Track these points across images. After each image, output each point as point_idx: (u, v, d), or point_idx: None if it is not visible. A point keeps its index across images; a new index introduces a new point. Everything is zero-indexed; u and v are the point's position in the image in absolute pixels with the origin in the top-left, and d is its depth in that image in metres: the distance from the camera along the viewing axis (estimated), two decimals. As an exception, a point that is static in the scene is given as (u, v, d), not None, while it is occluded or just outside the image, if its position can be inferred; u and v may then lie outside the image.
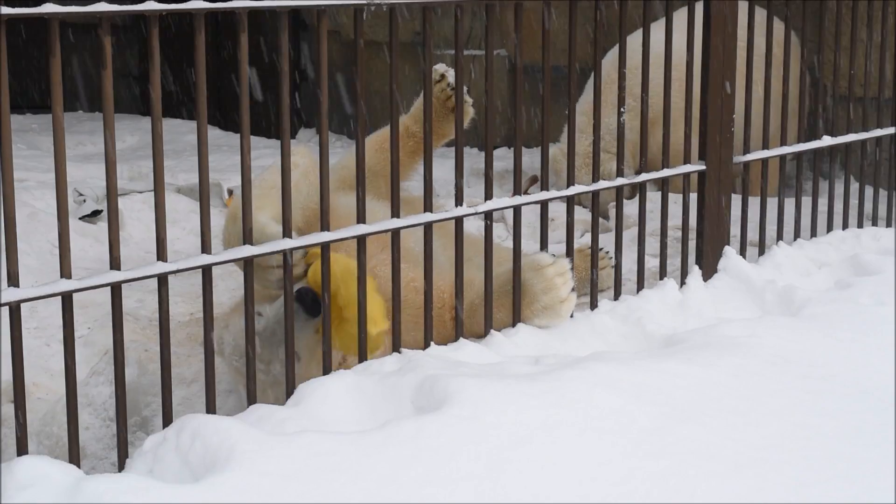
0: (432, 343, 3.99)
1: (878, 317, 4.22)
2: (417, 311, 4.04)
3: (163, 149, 3.38)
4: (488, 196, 4.14)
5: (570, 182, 4.41)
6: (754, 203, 5.23)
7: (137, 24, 11.13)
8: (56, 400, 4.06)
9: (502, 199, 4.17)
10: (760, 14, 5.24)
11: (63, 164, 3.18)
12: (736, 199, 4.97)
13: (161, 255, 3.40)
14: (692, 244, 4.85)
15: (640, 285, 4.70)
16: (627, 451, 3.10)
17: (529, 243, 5.11)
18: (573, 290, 4.25)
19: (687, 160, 4.82)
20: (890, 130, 5.72)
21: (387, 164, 4.32)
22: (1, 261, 3.12)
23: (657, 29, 4.69)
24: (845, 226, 5.54)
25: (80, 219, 6.38)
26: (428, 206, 3.97)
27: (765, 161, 5.11)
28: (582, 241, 5.42)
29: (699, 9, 4.73)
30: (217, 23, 10.85)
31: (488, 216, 4.13)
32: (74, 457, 3.26)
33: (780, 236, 5.22)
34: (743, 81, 5.01)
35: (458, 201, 4.06)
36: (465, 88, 4.46)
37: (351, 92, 9.35)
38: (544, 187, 4.31)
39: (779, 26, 5.62)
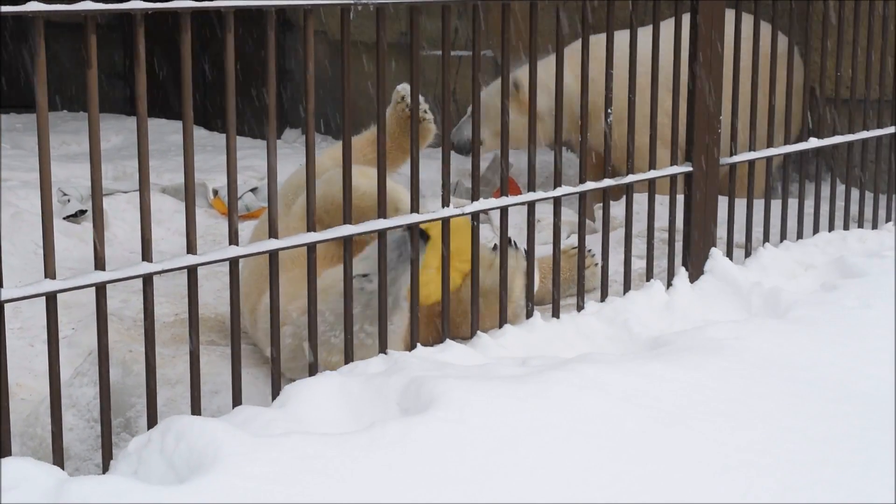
0: (418, 344, 3.98)
1: (864, 319, 4.22)
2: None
3: (148, 149, 3.36)
4: (475, 197, 4.13)
5: (557, 183, 4.40)
6: (741, 205, 5.23)
7: (122, 22, 11.09)
8: (40, 401, 4.05)
9: (489, 200, 4.16)
10: (748, 17, 5.24)
11: (48, 164, 3.16)
12: (722, 201, 4.97)
13: (146, 255, 3.39)
14: (679, 246, 4.85)
15: (627, 287, 4.69)
16: (615, 454, 3.09)
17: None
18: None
19: (674, 161, 4.82)
20: (876, 132, 5.73)
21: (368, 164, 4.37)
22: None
23: (645, 30, 4.69)
24: (831, 228, 5.55)
25: (64, 219, 6.35)
26: (414, 207, 3.96)
27: (751, 163, 5.11)
28: (568, 242, 5.41)
29: (686, 9, 4.73)
30: (203, 22, 10.81)
31: (475, 217, 4.12)
32: (58, 458, 3.24)
33: (766, 238, 5.22)
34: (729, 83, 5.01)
35: (445, 202, 4.05)
36: (426, 106, 4.73)
37: (338, 91, 9.33)
38: (531, 188, 4.30)
39: (767, 28, 5.62)
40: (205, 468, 2.91)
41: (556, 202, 4.39)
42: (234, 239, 3.55)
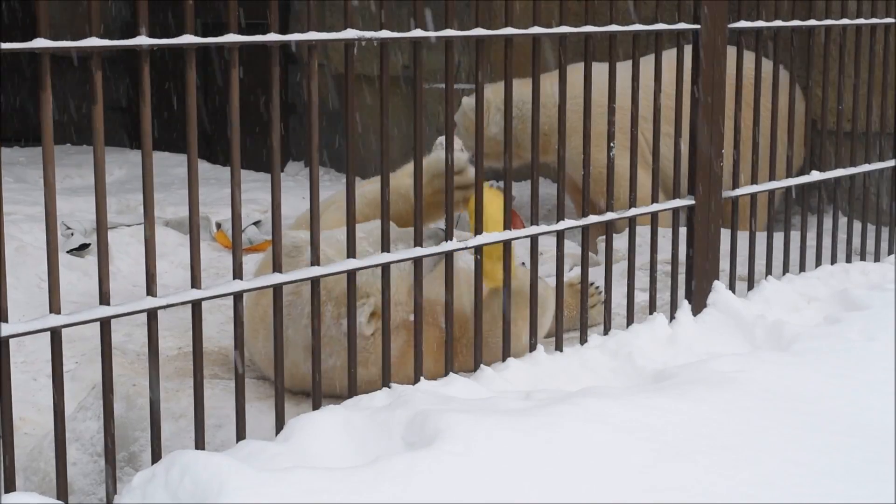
0: (423, 378, 3.98)
1: (868, 352, 4.22)
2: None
3: (153, 183, 3.36)
4: (478, 231, 4.14)
5: (560, 216, 4.41)
6: (743, 237, 5.24)
7: (124, 55, 11.13)
8: (43, 435, 4.04)
9: (492, 234, 4.17)
10: (749, 54, 5.26)
11: (53, 199, 3.16)
12: (725, 234, 4.97)
13: (151, 289, 3.39)
14: (682, 278, 4.85)
15: (630, 320, 4.69)
16: (619, 488, 3.09)
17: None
18: None
19: (676, 195, 4.83)
20: (878, 165, 5.75)
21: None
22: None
23: (646, 63, 4.71)
24: (834, 260, 5.56)
25: (67, 252, 6.36)
26: (418, 241, 3.97)
27: (754, 196, 5.12)
28: (571, 274, 5.42)
29: (688, 41, 4.75)
30: (206, 55, 10.85)
31: (478, 251, 4.13)
32: (62, 493, 3.24)
33: (769, 271, 5.22)
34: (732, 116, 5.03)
35: (449, 236, 4.06)
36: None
37: (341, 124, 9.35)
38: (534, 222, 4.31)
39: (768, 63, 5.65)
40: (210, 503, 2.90)
41: (559, 235, 4.39)
42: (238, 273, 3.56)
